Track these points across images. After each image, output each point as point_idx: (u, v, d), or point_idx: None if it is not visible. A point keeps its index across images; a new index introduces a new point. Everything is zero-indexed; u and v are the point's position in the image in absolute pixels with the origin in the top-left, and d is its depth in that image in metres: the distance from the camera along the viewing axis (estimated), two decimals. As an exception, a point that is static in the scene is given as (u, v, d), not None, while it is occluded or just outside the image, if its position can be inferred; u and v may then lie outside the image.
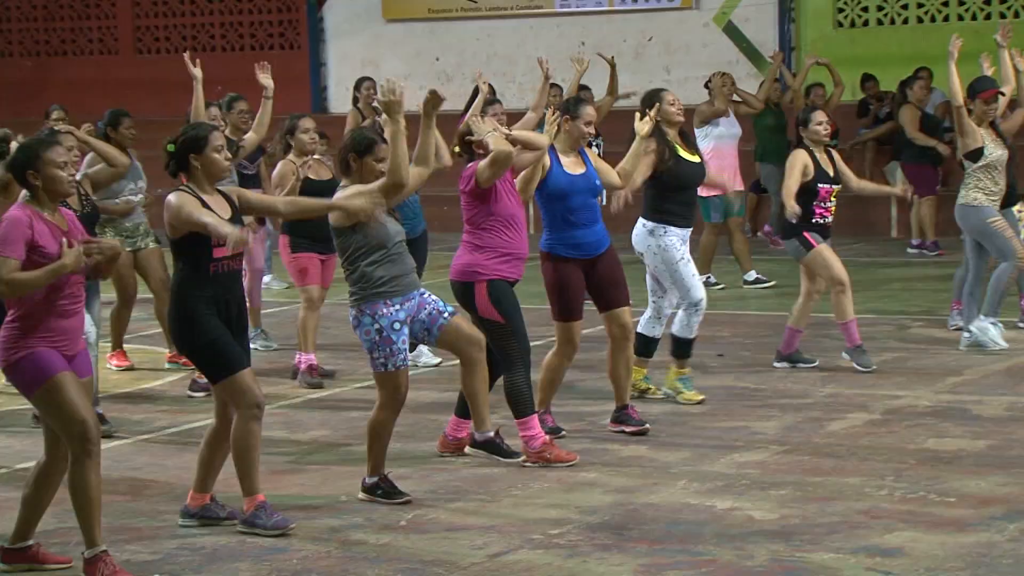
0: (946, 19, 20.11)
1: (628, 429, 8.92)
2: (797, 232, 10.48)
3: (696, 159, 9.66)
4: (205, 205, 7.01)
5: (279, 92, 11.90)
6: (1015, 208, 11.69)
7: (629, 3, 21.53)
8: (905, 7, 20.32)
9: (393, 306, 7.53)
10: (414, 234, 10.60)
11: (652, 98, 9.47)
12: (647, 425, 8.95)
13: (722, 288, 14.61)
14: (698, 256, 13.27)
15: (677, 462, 8.32)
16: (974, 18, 19.98)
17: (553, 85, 17.05)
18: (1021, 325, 11.78)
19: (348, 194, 7.49)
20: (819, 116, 10.52)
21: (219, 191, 7.20)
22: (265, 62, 11.78)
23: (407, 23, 22.82)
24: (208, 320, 7.02)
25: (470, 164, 8.35)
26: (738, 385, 10.23)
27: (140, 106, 19.49)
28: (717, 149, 14.39)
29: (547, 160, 8.68)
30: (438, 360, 11.30)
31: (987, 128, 11.19)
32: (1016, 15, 19.73)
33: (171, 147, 7.16)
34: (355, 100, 17.35)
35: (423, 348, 11.29)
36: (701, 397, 9.69)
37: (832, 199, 10.51)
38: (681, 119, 9.56)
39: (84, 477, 6.42)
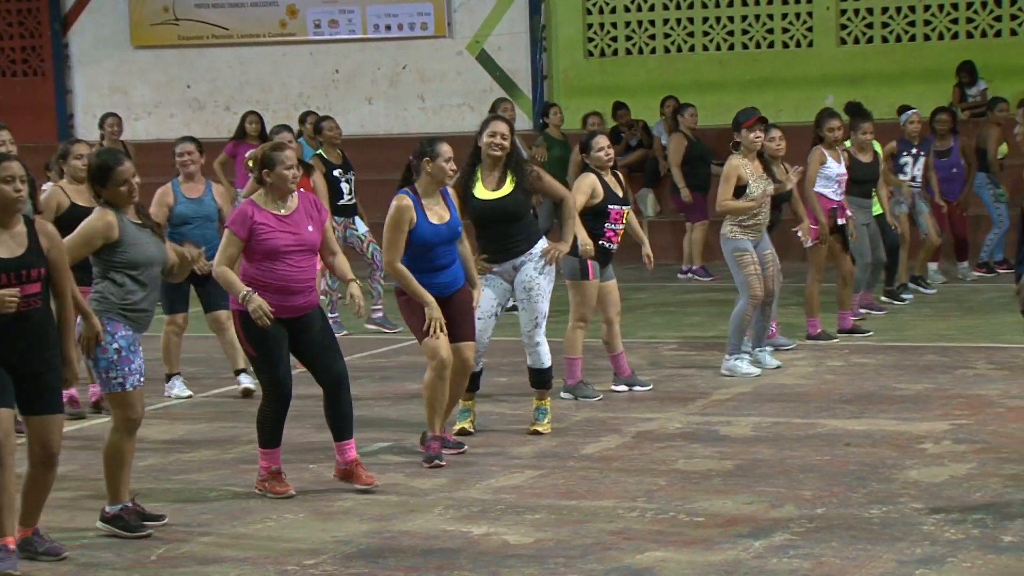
0: (692, 49, 20.65)
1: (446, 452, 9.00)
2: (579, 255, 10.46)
3: (494, 196, 9.39)
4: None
5: (23, 120, 11.63)
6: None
7: (383, 31, 21.57)
8: (653, 37, 20.79)
9: (129, 330, 7.46)
10: None
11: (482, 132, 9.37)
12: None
13: None
14: None
15: (433, 489, 8.34)
16: (718, 48, 20.56)
17: (310, 113, 16.95)
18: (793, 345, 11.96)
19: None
20: (600, 141, 10.56)
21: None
22: None
23: (156, 50, 22.49)
24: None
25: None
26: (494, 411, 10.29)
27: None
28: None
29: (414, 215, 8.71)
30: (189, 393, 11.20)
31: (753, 160, 11.37)
32: (758, 46, 20.35)
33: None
34: (102, 137, 17.02)
35: (176, 380, 11.19)
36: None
37: (623, 222, 10.53)
38: (496, 154, 9.32)
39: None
